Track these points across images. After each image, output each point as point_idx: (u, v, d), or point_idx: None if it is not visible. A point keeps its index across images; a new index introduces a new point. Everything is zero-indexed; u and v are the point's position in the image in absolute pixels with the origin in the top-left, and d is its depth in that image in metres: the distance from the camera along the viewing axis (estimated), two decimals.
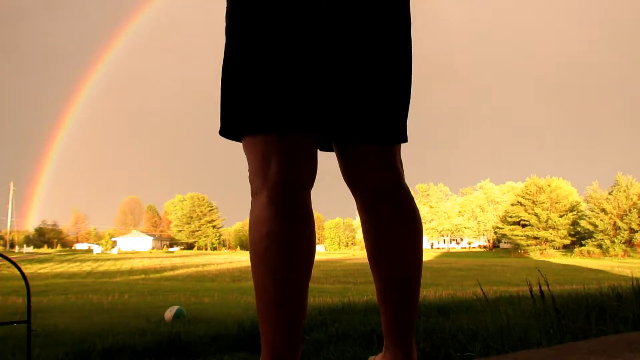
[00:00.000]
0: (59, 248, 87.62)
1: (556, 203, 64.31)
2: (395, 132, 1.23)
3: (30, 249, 73.91)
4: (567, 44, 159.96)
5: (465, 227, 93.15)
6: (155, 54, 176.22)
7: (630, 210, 55.44)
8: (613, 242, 55.68)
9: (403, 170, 1.28)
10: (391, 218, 1.22)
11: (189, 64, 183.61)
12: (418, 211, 1.25)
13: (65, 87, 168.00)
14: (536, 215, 64.19)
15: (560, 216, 62.85)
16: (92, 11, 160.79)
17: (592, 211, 60.12)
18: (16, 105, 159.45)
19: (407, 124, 1.31)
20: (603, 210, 57.81)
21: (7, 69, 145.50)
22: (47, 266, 39.31)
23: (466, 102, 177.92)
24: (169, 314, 8.57)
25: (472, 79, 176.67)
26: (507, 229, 69.44)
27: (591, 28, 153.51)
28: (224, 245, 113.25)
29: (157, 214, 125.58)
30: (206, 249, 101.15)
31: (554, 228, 62.75)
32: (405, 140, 1.27)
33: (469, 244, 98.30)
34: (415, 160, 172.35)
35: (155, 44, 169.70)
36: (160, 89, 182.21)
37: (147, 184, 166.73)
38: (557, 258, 53.64)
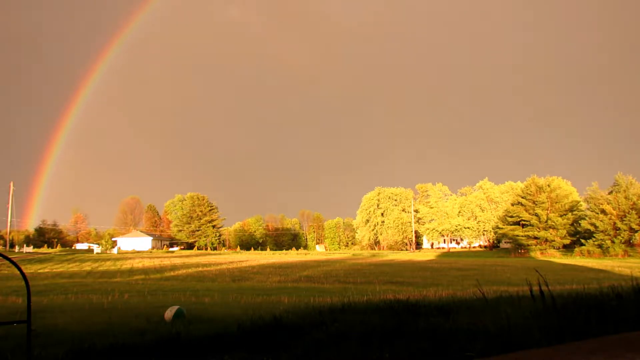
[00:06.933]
0: (59, 248, 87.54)
1: (556, 203, 64.26)
2: None
3: (30, 249, 73.86)
4: (568, 44, 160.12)
5: (465, 227, 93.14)
6: (156, 54, 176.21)
7: (629, 211, 55.39)
8: (613, 242, 55.62)
9: None
10: None
11: (189, 65, 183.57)
12: None
13: (66, 87, 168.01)
14: (536, 215, 64.13)
15: (560, 216, 62.80)
16: (93, 9, 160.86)
17: (592, 211, 60.11)
18: (16, 105, 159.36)
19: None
20: (602, 211, 57.77)
21: (6, 68, 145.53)
22: (47, 266, 39.29)
23: (466, 102, 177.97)
24: (169, 314, 8.57)
25: (471, 79, 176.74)
26: (507, 229, 69.40)
27: (591, 30, 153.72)
28: (224, 245, 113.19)
29: (157, 214, 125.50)
30: (206, 249, 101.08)
31: (554, 228, 62.70)
32: None
33: (469, 243, 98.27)
34: (415, 160, 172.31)
35: (156, 45, 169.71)
36: (160, 89, 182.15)
37: (147, 184, 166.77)
38: (557, 258, 53.61)
